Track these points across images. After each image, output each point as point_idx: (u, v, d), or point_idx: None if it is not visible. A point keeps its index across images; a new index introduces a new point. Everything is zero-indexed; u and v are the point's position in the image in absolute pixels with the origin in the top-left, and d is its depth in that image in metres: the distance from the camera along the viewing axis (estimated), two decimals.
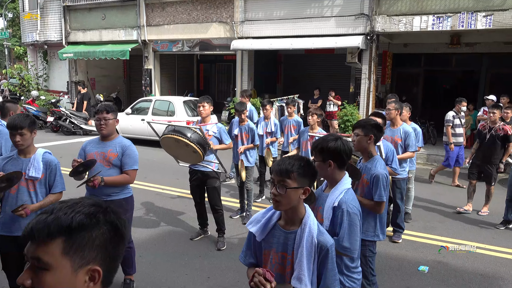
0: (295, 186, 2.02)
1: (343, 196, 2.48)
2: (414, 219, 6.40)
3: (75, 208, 1.07)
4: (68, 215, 1.05)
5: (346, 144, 2.56)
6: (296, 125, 7.19)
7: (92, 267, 1.06)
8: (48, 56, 19.08)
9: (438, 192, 8.05)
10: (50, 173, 3.34)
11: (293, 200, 2.04)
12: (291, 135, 7.17)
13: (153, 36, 15.64)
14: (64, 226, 1.03)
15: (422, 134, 6.20)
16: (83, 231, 1.05)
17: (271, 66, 16.46)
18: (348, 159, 2.59)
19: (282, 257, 2.11)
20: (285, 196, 2.02)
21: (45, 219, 1.04)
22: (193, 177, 5.33)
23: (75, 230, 1.04)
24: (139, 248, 4.95)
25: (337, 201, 2.47)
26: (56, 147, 11.87)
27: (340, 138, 2.59)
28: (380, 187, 3.29)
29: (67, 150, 10.97)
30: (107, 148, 3.83)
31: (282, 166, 2.04)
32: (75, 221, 1.04)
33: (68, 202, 1.09)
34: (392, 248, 5.40)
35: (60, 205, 1.08)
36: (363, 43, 11.53)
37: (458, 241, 5.59)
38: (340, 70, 14.99)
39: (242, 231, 5.84)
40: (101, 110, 3.77)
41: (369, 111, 11.73)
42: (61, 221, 1.04)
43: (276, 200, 2.05)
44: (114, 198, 3.83)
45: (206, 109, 5.20)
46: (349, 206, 2.44)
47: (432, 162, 10.55)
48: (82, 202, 1.09)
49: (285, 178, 2.02)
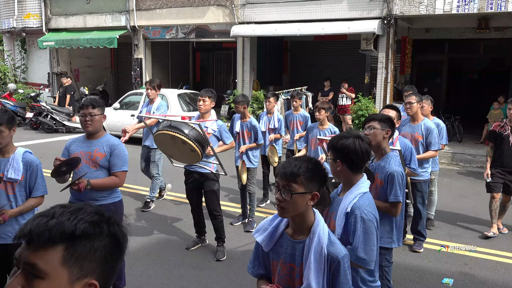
0: (302, 191, 2.03)
1: (357, 200, 2.49)
2: (437, 226, 6.40)
3: (78, 215, 1.08)
4: (72, 221, 1.06)
5: (360, 145, 2.54)
6: (303, 120, 7.19)
7: (89, 280, 1.08)
8: (26, 45, 19.15)
9: (462, 194, 8.05)
10: (31, 175, 3.37)
11: (300, 206, 2.06)
12: (297, 131, 7.17)
13: (144, 22, 15.67)
14: (67, 233, 1.05)
15: (446, 130, 6.19)
16: (86, 240, 1.07)
17: (276, 55, 16.46)
18: (359, 161, 2.57)
19: (290, 268, 2.14)
20: (291, 202, 2.03)
21: (46, 222, 1.05)
22: (189, 179, 5.35)
23: (77, 238, 1.06)
24: (129, 258, 4.97)
25: (350, 207, 2.48)
26: (36, 146, 11.92)
27: (359, 137, 2.59)
28: (396, 186, 3.31)
29: (48, 150, 11.01)
30: (93, 147, 3.85)
31: (287, 169, 2.05)
32: (79, 229, 1.06)
33: (70, 207, 1.11)
34: (412, 258, 5.42)
35: (61, 210, 1.10)
36: (379, 28, 11.52)
37: (487, 251, 5.59)
38: (354, 58, 14.95)
39: (244, 240, 5.87)
40: (86, 105, 3.79)
41: (387, 104, 11.72)
42: (65, 227, 1.05)
43: (281, 206, 2.06)
44: (101, 203, 3.85)
45: (207, 104, 5.21)
46: (363, 211, 2.45)
47: (457, 162, 10.54)
48: (84, 209, 1.11)
49: (290, 182, 2.03)
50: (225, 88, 17.51)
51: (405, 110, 5.61)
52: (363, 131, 3.47)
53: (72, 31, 17.22)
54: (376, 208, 2.58)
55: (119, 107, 12.56)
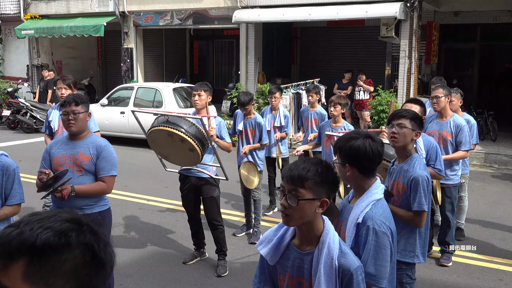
0: (310, 197, 2.04)
1: (369, 209, 2.50)
2: (468, 236, 6.38)
3: (45, 223, 1.07)
4: (34, 231, 1.05)
5: (371, 146, 2.52)
6: (319, 118, 7.18)
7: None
8: (2, 34, 19.29)
9: (496, 201, 8.02)
10: (7, 180, 3.38)
11: (307, 214, 2.06)
12: (311, 131, 7.16)
13: (134, 7, 15.73)
14: (26, 245, 1.04)
15: (477, 127, 6.17)
16: (50, 252, 1.05)
17: (284, 43, 16.47)
18: (371, 164, 2.56)
19: (298, 283, 2.15)
20: (297, 209, 2.04)
21: (9, 233, 1.05)
22: (185, 185, 5.36)
23: (39, 250, 1.04)
24: (118, 274, 5.00)
25: (362, 216, 2.49)
26: (14, 148, 12.01)
27: (370, 136, 2.58)
28: (421, 192, 3.30)
29: (27, 152, 11.10)
30: (77, 149, 3.87)
31: (294, 172, 2.06)
32: (40, 239, 1.04)
33: (41, 215, 1.10)
34: (439, 273, 5.40)
35: (30, 218, 1.09)
36: (401, 12, 11.49)
37: None
38: (373, 47, 14.93)
39: (248, 253, 5.88)
40: (68, 101, 3.80)
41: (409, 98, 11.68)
42: (24, 238, 1.04)
43: (286, 213, 2.07)
44: (87, 212, 3.87)
45: (203, 99, 5.23)
46: (376, 222, 2.45)
47: (491, 163, 10.49)
48: (56, 216, 1.10)
49: (297, 187, 2.04)
50: (227, 81, 17.55)
51: (431, 105, 5.60)
52: (389, 129, 3.46)
53: (53, 18, 17.31)
54: (391, 217, 2.58)
55: (107, 104, 12.61)
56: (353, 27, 15.28)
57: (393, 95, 11.91)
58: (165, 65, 18.73)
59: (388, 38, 12.28)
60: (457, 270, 5.47)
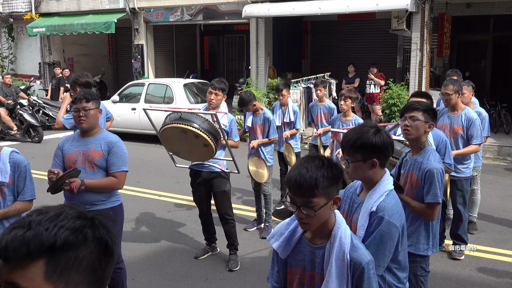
0: (325, 203, 2.06)
1: (383, 200, 2.51)
2: (481, 230, 6.35)
3: (58, 222, 1.08)
4: (51, 231, 1.06)
5: (389, 136, 2.58)
6: (328, 112, 7.18)
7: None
8: (14, 32, 19.44)
9: (509, 194, 7.95)
10: (19, 177, 3.43)
11: (324, 216, 2.10)
12: (321, 125, 7.16)
13: (145, 3, 15.78)
14: (46, 245, 1.05)
15: (489, 120, 6.12)
16: (69, 250, 1.07)
17: (294, 38, 16.43)
18: (391, 154, 2.62)
19: (310, 277, 2.18)
20: (315, 217, 2.06)
21: (22, 235, 1.05)
22: (196, 180, 5.39)
23: (59, 250, 1.06)
24: (131, 269, 5.05)
25: (376, 206, 2.50)
26: (26, 145, 12.15)
27: (378, 129, 2.59)
28: (435, 184, 3.32)
29: (40, 149, 11.23)
30: (89, 146, 3.92)
31: (302, 184, 2.02)
32: (60, 239, 1.06)
33: (48, 213, 1.11)
34: (452, 266, 5.39)
35: (39, 217, 1.09)
36: (412, 4, 11.40)
37: None
38: (384, 40, 14.84)
39: (260, 247, 5.91)
40: (79, 98, 3.85)
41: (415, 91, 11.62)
42: (43, 239, 1.05)
43: (304, 222, 2.09)
44: (99, 207, 3.93)
45: (219, 99, 5.22)
46: (388, 212, 2.47)
47: (504, 156, 10.41)
48: (65, 214, 1.11)
49: (310, 198, 2.04)
50: (237, 76, 17.56)
51: (442, 101, 5.56)
52: (402, 121, 3.47)
53: (64, 16, 17.43)
54: (403, 210, 2.60)
55: (118, 100, 12.70)
56: (364, 20, 15.19)
57: (405, 88, 11.85)
58: (176, 61, 18.77)
59: (400, 31, 12.19)
60: (470, 263, 5.45)
